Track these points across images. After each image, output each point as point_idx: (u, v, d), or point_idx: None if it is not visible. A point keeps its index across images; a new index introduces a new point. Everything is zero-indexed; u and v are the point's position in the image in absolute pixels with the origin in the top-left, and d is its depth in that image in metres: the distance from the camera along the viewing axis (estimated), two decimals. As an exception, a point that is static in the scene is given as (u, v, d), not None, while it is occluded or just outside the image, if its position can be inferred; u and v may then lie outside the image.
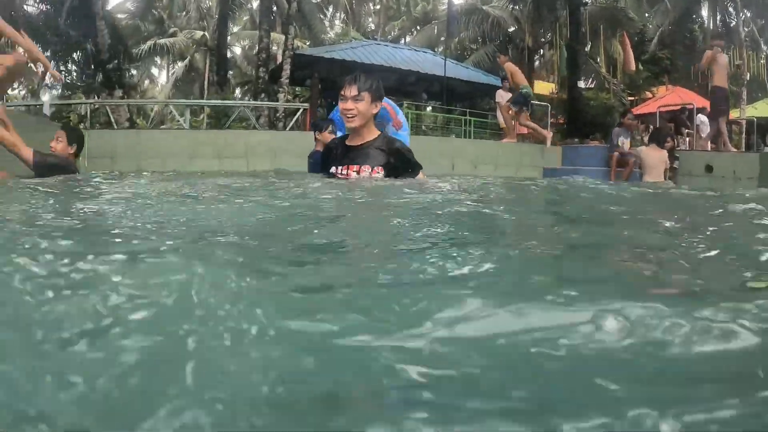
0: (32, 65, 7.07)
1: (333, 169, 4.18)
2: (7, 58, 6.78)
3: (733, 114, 30.13)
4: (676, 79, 32.23)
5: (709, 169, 12.58)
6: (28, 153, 5.84)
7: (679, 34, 34.91)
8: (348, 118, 4.02)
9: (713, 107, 13.48)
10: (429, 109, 26.31)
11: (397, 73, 22.23)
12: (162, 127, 22.65)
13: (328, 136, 6.83)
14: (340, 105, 4.05)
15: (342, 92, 4.00)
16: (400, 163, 4.11)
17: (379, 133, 4.23)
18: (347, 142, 4.25)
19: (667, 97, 25.62)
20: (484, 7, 33.00)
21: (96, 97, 20.38)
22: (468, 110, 21.13)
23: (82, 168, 6.84)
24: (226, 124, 16.23)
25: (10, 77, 6.94)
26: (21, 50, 7.06)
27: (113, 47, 19.99)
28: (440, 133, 20.81)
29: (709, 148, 14.76)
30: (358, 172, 4.03)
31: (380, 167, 4.04)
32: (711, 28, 36.58)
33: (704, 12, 37.16)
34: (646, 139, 14.32)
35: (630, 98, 32.78)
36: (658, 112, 19.54)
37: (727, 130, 24.95)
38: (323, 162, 4.46)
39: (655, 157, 10.86)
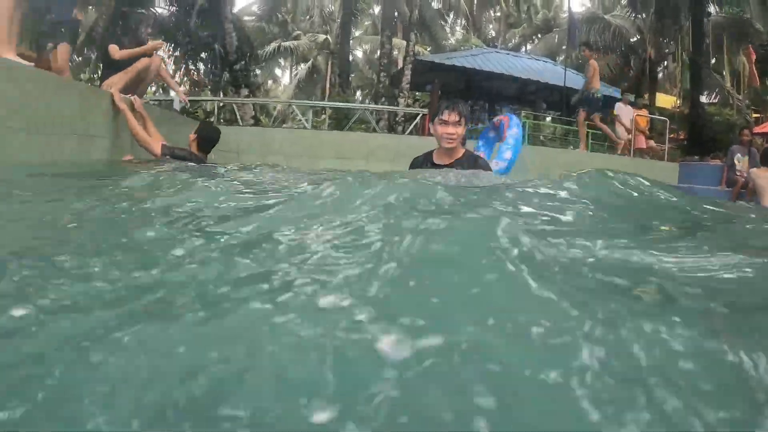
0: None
1: None
2: (143, 62, 7.55)
3: None
4: None
5: (830, 193, 11.96)
6: (156, 147, 6.54)
7: None
8: (450, 140, 4.49)
9: None
10: (548, 119, 26.11)
11: (517, 81, 22.44)
12: (284, 125, 23.42)
13: None
14: (442, 129, 4.49)
15: (443, 117, 4.44)
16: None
17: (464, 150, 4.71)
18: (436, 161, 4.69)
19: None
20: (606, 16, 32.55)
21: (222, 95, 21.36)
22: (587, 122, 20.98)
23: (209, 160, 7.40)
24: (346, 126, 16.71)
25: (141, 79, 7.71)
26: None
27: (240, 49, 20.64)
28: (558, 144, 20.64)
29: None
30: None
31: None
32: None
33: None
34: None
35: (755, 115, 31.71)
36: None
37: None
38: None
39: (765, 179, 10.57)
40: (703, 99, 31.13)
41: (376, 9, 42.89)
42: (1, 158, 4.42)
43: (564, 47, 33.78)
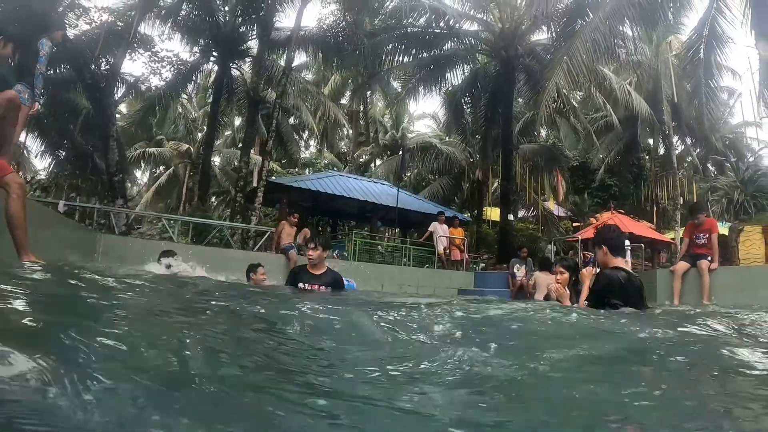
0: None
1: (301, 285, 7.56)
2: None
3: (669, 235, 33.01)
4: (622, 205, 35.09)
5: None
6: None
7: (625, 163, 38.29)
8: (311, 262, 7.67)
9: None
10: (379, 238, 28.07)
11: (356, 202, 25.00)
12: (138, 228, 24.46)
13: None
14: (309, 252, 7.72)
15: (310, 248, 7.72)
16: (337, 286, 7.69)
17: (327, 266, 7.83)
18: (310, 270, 7.71)
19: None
20: (438, 145, 36.20)
21: (100, 202, 22.39)
22: (408, 239, 23.44)
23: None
24: (207, 238, 18.42)
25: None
26: None
27: (120, 162, 21.47)
28: (390, 258, 23.30)
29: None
30: (318, 289, 7.49)
31: (328, 287, 7.59)
32: (656, 156, 39.85)
33: (651, 141, 40.40)
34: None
35: (575, 224, 35.75)
36: (579, 239, 22.35)
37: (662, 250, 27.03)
38: (292, 280, 7.80)
39: (544, 280, 13.91)
40: (523, 213, 35.04)
41: (237, 121, 45.10)
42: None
43: (409, 165, 36.86)
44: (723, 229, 15.93)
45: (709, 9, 19.64)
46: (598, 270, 6.20)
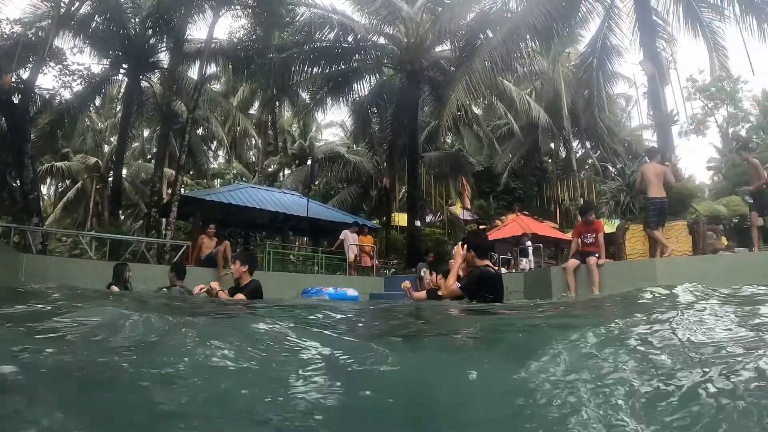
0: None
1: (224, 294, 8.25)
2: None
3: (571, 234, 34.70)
4: (527, 207, 36.44)
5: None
6: None
7: (528, 167, 40.02)
8: (233, 272, 8.23)
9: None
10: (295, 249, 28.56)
11: (267, 213, 25.27)
12: (47, 245, 24.13)
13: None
14: (231, 266, 8.46)
15: (231, 263, 8.35)
16: (255, 295, 8.04)
17: (251, 278, 8.23)
18: (239, 283, 8.26)
19: (510, 225, 29.41)
20: (345, 155, 36.99)
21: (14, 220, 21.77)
22: (320, 248, 24.21)
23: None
24: (122, 255, 17.95)
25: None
26: None
27: (35, 180, 20.80)
28: (303, 266, 24.08)
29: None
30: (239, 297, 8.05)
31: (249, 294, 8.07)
32: (558, 159, 42.40)
33: (552, 145, 42.73)
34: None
35: (482, 227, 36.99)
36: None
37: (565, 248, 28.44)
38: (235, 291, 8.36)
39: (442, 281, 14.86)
40: (430, 218, 36.08)
41: (145, 132, 44.62)
42: None
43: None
44: (611, 226, 17.46)
45: (600, 27, 21.11)
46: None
